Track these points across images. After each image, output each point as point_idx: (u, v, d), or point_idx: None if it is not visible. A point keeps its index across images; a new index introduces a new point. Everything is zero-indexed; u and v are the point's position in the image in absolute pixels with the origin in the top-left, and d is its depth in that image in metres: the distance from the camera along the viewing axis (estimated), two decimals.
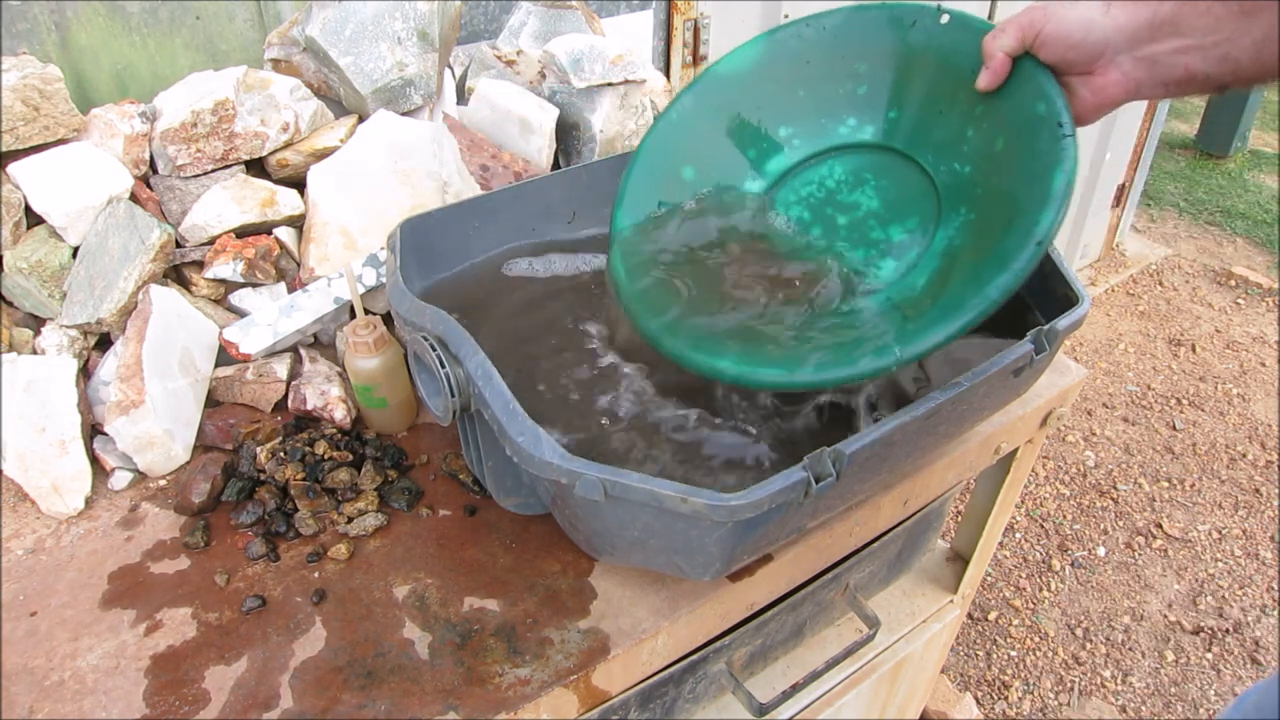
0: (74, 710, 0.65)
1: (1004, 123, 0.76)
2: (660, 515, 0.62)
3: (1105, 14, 0.67)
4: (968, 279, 0.72)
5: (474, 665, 0.68)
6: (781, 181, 0.90)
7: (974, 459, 0.94)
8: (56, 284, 0.89)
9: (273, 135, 1.01)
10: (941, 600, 1.24)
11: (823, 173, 0.88)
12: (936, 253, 0.79)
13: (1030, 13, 0.71)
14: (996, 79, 0.74)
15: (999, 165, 0.76)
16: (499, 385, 0.65)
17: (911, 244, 0.82)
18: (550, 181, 0.95)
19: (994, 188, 0.76)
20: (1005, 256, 0.69)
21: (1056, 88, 0.72)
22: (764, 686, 1.03)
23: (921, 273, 0.79)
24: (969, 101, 0.78)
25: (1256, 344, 2.79)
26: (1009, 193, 0.74)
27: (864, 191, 0.86)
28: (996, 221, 0.74)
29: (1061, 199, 0.68)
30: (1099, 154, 2.82)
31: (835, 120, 0.88)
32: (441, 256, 0.90)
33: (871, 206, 0.85)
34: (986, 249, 0.73)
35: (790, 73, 0.88)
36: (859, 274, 0.83)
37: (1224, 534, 2.15)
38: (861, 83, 0.85)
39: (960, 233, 0.78)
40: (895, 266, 0.82)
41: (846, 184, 0.87)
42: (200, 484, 0.80)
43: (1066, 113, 0.71)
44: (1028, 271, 0.68)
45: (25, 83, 0.89)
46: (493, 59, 1.24)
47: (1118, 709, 1.79)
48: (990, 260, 0.71)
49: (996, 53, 0.73)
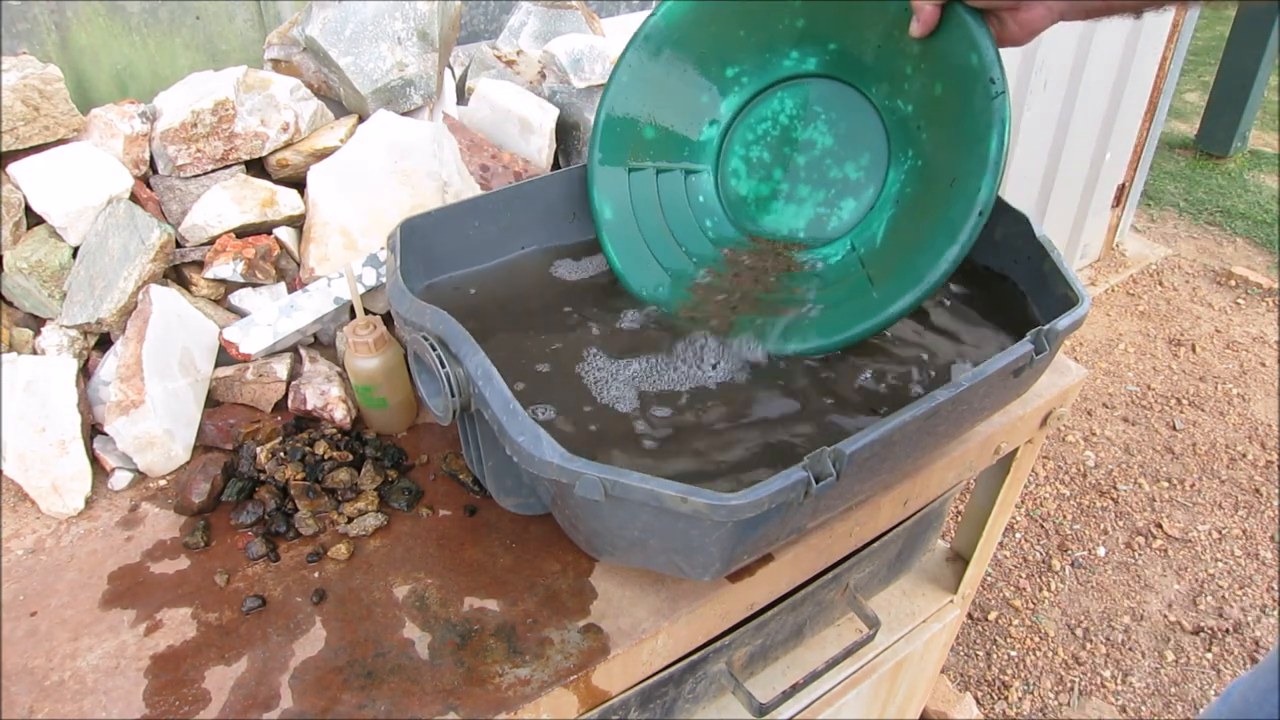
0: (74, 710, 0.65)
1: (940, 68, 0.79)
2: (660, 515, 0.62)
3: None
4: (921, 244, 0.78)
5: (474, 665, 0.68)
6: (737, 120, 0.94)
7: (974, 459, 0.94)
8: (56, 284, 0.89)
9: (273, 135, 1.01)
10: (941, 600, 1.24)
11: (774, 107, 0.92)
12: (890, 197, 0.85)
13: None
14: (926, 28, 0.77)
15: (940, 111, 0.80)
16: (499, 385, 0.65)
17: (867, 182, 0.87)
18: (550, 181, 0.95)
19: (937, 136, 0.80)
20: (953, 225, 0.75)
21: (987, 36, 0.74)
22: (764, 686, 1.03)
23: (879, 219, 0.85)
24: (905, 40, 0.80)
25: (1256, 344, 2.79)
26: (950, 146, 0.78)
27: (816, 126, 0.90)
28: (942, 177, 0.79)
29: (998, 164, 0.73)
30: (1099, 154, 2.82)
31: (778, 55, 0.90)
32: (441, 256, 0.90)
33: (826, 143, 0.89)
34: (936, 209, 0.78)
35: (728, 12, 0.90)
36: (823, 216, 0.89)
37: (1224, 534, 2.15)
38: (799, 16, 0.88)
39: (910, 179, 0.83)
40: (855, 207, 0.87)
41: (799, 119, 0.91)
42: (200, 484, 0.80)
43: (998, 66, 0.74)
44: (973, 241, 0.74)
45: (25, 83, 0.89)
46: (493, 59, 1.24)
47: (1118, 709, 1.79)
48: (940, 225, 0.76)
49: (924, 5, 0.75)
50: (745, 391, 0.81)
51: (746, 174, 0.94)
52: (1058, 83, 2.46)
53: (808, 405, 0.80)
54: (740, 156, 0.94)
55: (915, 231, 0.80)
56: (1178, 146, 3.94)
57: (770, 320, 0.84)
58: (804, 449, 0.67)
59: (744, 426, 0.77)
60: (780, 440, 0.76)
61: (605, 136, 0.93)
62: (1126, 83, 2.66)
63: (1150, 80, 2.75)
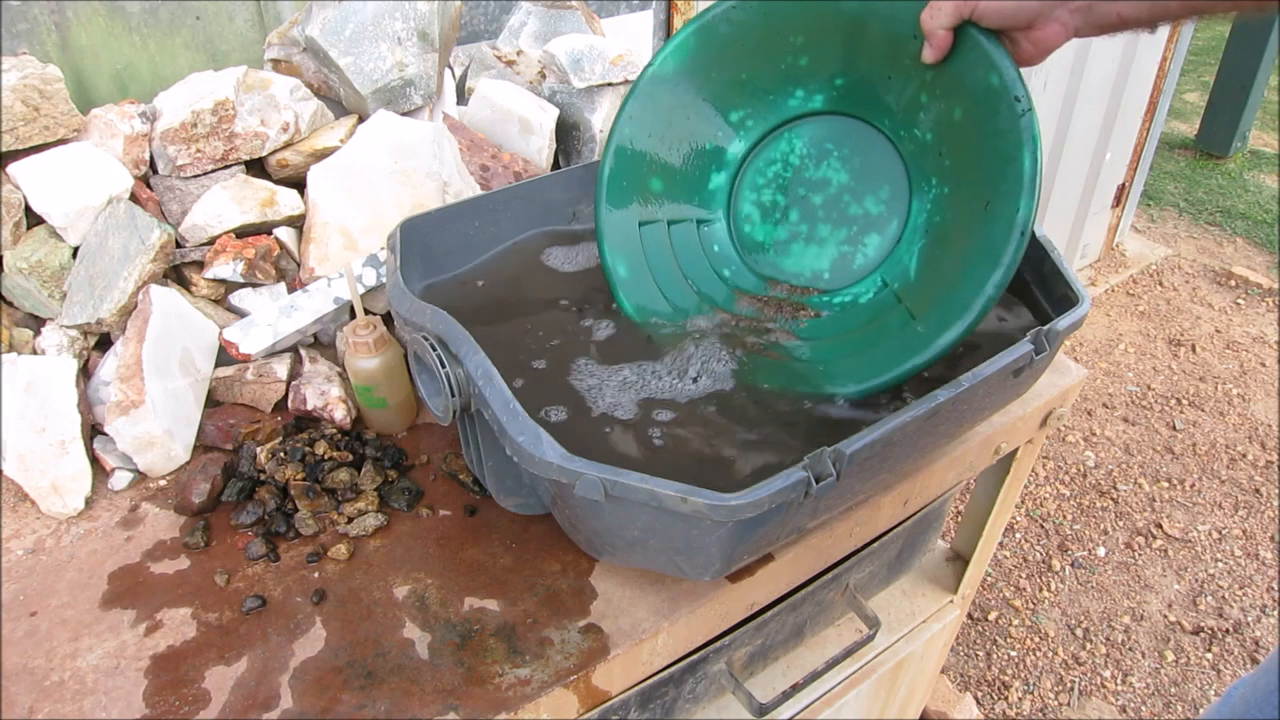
0: (74, 710, 0.65)
1: (957, 91, 0.76)
2: (660, 515, 0.62)
3: None
4: (961, 272, 0.74)
5: (474, 665, 0.68)
6: (746, 165, 0.91)
7: (974, 459, 0.94)
8: (56, 284, 0.89)
9: (273, 135, 1.01)
10: (941, 600, 1.24)
11: (783, 149, 0.90)
12: (919, 228, 0.81)
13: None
14: (939, 54, 0.75)
15: (962, 137, 0.77)
16: (499, 385, 0.65)
17: (890, 215, 0.84)
18: (550, 181, 0.95)
19: (962, 161, 0.78)
20: (994, 250, 0.72)
21: (1005, 56, 0.72)
22: (764, 686, 1.03)
23: (909, 251, 0.81)
24: (916, 67, 0.78)
25: (1256, 344, 2.79)
26: (979, 169, 0.75)
27: (829, 165, 0.88)
28: (974, 201, 0.76)
29: (1034, 182, 0.70)
30: (1099, 154, 2.82)
31: (783, 95, 0.88)
32: (442, 256, 0.90)
33: (841, 180, 0.87)
34: (972, 235, 0.75)
35: (727, 57, 0.88)
36: (847, 254, 0.86)
37: (1224, 534, 2.15)
38: (801, 54, 0.86)
39: (937, 208, 0.80)
40: (880, 242, 0.84)
41: (810, 158, 0.88)
42: (200, 484, 0.80)
43: (1022, 85, 0.72)
44: (1017, 263, 0.71)
45: (25, 83, 0.89)
46: (493, 59, 1.24)
47: (1118, 709, 1.79)
48: (980, 252, 0.73)
49: (936, 30, 0.74)
50: (744, 391, 0.81)
51: (760, 219, 0.91)
52: (1058, 83, 2.46)
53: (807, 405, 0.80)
54: (752, 201, 0.92)
55: (953, 259, 0.77)
56: (1178, 146, 3.94)
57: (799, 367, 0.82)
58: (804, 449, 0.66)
59: (744, 426, 0.77)
60: (780, 440, 0.76)
61: (612, 188, 0.89)
62: (1126, 83, 2.66)
63: (1150, 80, 2.75)
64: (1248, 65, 3.37)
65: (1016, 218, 0.71)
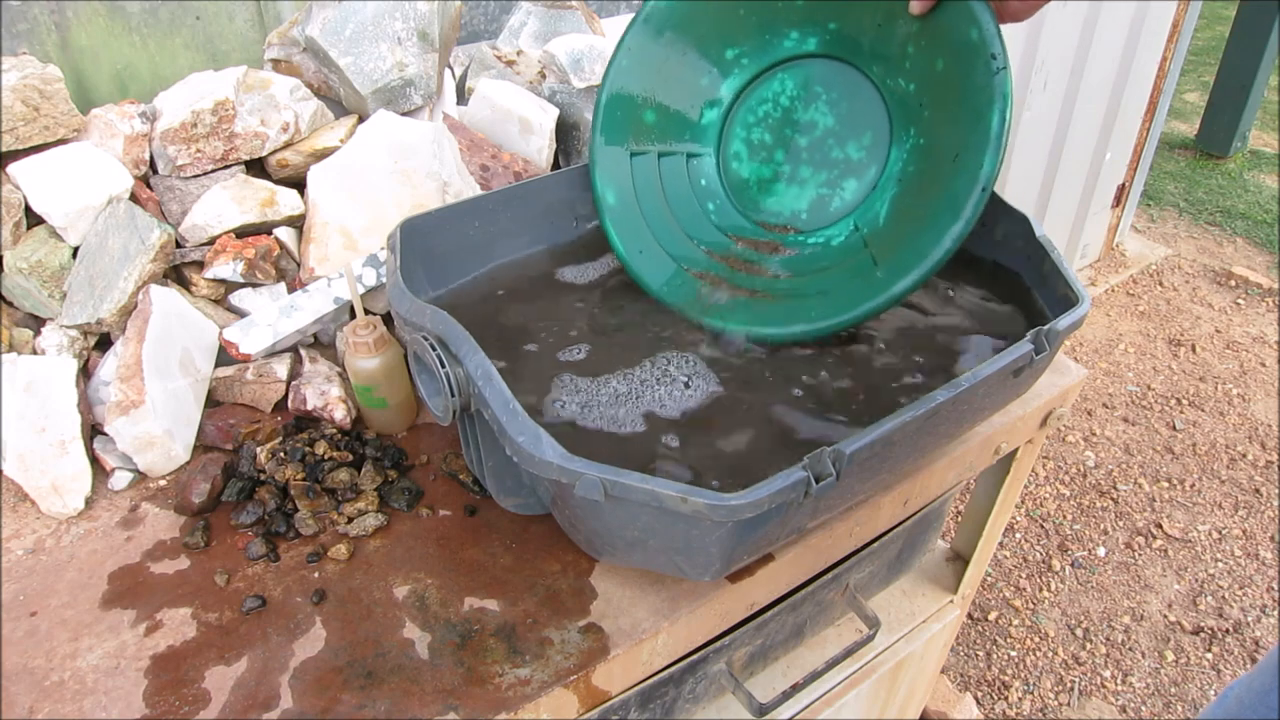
0: (74, 710, 0.65)
1: (940, 43, 0.78)
2: (660, 515, 0.62)
3: None
4: (924, 222, 0.77)
5: (474, 665, 0.68)
6: (738, 102, 0.93)
7: (974, 459, 0.94)
8: (56, 284, 0.89)
9: (273, 135, 1.01)
10: (941, 600, 1.24)
11: (775, 88, 0.92)
12: (893, 176, 0.84)
13: None
14: (926, 6, 0.76)
15: (941, 88, 0.79)
16: (499, 385, 0.65)
17: (869, 161, 0.86)
18: (550, 181, 0.95)
19: (939, 114, 0.80)
20: (956, 201, 0.74)
21: (987, 10, 0.74)
22: (764, 686, 1.03)
23: (882, 199, 0.84)
24: (905, 18, 0.80)
25: (1256, 344, 2.79)
26: (953, 122, 0.78)
27: (817, 107, 0.90)
28: (944, 154, 0.78)
29: (999, 140, 0.72)
30: (1099, 154, 2.82)
31: (778, 35, 0.90)
32: (441, 256, 0.90)
33: (827, 124, 0.89)
34: (939, 186, 0.78)
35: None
36: (825, 197, 0.88)
37: (1224, 534, 2.15)
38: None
39: (912, 158, 0.83)
40: (857, 187, 0.87)
41: (800, 100, 0.90)
42: (200, 484, 0.80)
43: (999, 41, 0.73)
44: (976, 217, 0.74)
45: (25, 83, 0.89)
46: (493, 59, 1.24)
47: (1118, 709, 1.79)
48: (943, 203, 0.76)
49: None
50: (744, 391, 0.81)
51: (748, 156, 0.94)
52: (1058, 83, 2.46)
53: (806, 405, 0.80)
54: (742, 139, 0.94)
55: (919, 209, 0.80)
56: (1178, 146, 3.94)
57: (770, 306, 0.85)
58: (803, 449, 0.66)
59: (743, 426, 0.77)
60: (780, 440, 0.76)
61: (607, 119, 0.92)
62: (1126, 83, 2.66)
63: (1150, 80, 2.75)
64: (1248, 65, 3.37)
65: (980, 172, 0.73)
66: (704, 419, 0.77)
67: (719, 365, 0.83)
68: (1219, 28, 4.93)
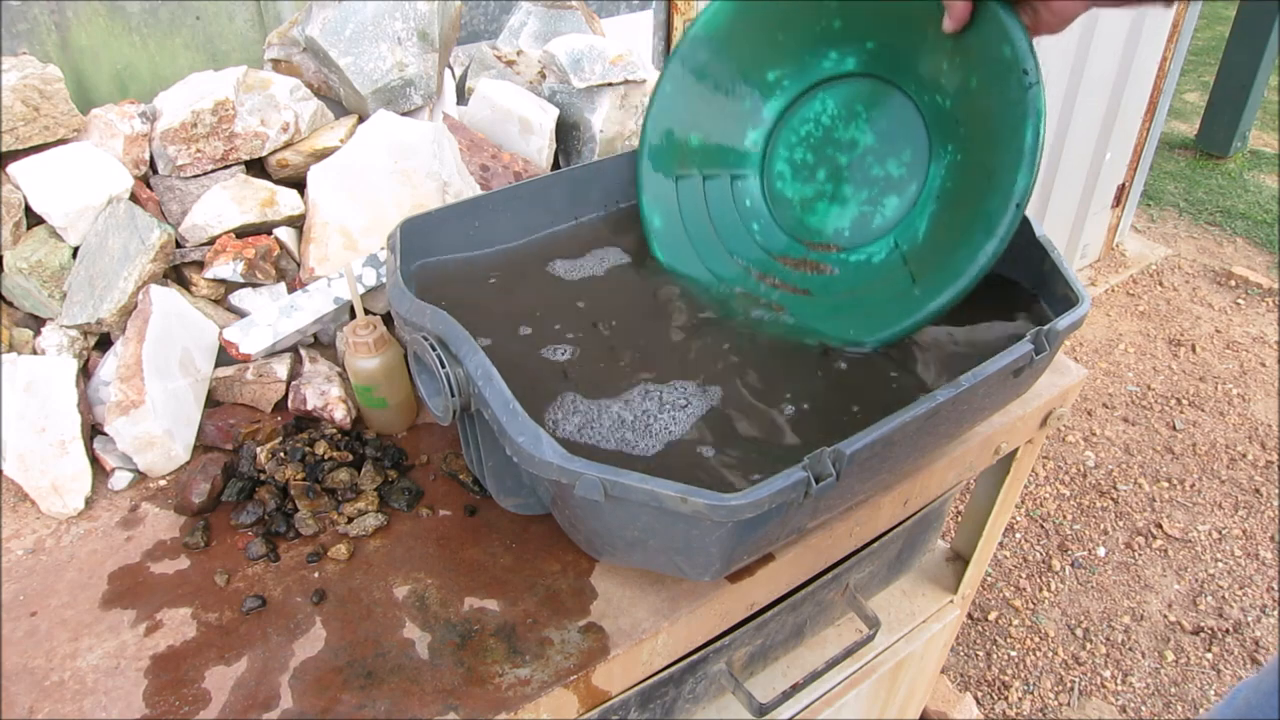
0: (74, 710, 0.65)
1: (974, 60, 0.78)
2: (660, 515, 0.62)
3: None
4: (960, 239, 0.77)
5: (474, 665, 0.68)
6: (780, 124, 0.94)
7: (974, 459, 0.94)
8: (56, 284, 0.89)
9: (273, 135, 1.01)
10: (941, 600, 1.24)
11: (816, 109, 0.92)
12: (932, 193, 0.84)
13: None
14: (958, 23, 0.76)
15: (976, 104, 0.79)
16: (499, 385, 0.65)
17: (910, 178, 0.86)
18: (550, 181, 0.95)
19: (975, 129, 0.80)
20: (990, 219, 0.74)
21: (1019, 28, 0.74)
22: (764, 686, 1.03)
23: (921, 215, 0.84)
24: (940, 35, 0.80)
25: (1256, 344, 2.79)
26: (987, 138, 0.78)
27: (858, 125, 0.90)
28: (980, 170, 0.78)
29: (1033, 156, 0.72)
30: (1099, 154, 2.82)
31: (817, 56, 0.91)
32: (441, 256, 0.90)
33: (868, 141, 0.90)
34: (974, 203, 0.78)
35: (765, 18, 0.91)
36: (867, 214, 0.89)
37: (1224, 534, 2.15)
38: (835, 17, 0.88)
39: (950, 174, 0.83)
40: (898, 204, 0.87)
41: (841, 118, 0.91)
42: (200, 484, 0.80)
43: (1031, 58, 0.73)
44: (1010, 234, 0.73)
45: (25, 83, 0.89)
46: (493, 59, 1.24)
47: (1118, 709, 1.79)
48: (978, 220, 0.76)
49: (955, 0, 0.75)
50: (745, 389, 0.81)
51: (791, 176, 0.94)
52: (1058, 83, 2.46)
53: (807, 405, 0.80)
54: (785, 159, 0.95)
55: (955, 226, 0.80)
56: (1178, 146, 3.94)
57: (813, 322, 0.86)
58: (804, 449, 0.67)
59: (743, 426, 0.77)
60: (780, 440, 0.76)
61: (653, 146, 0.94)
62: (1126, 83, 2.66)
63: (1150, 80, 2.75)
64: (1248, 65, 3.37)
65: (1014, 189, 0.73)
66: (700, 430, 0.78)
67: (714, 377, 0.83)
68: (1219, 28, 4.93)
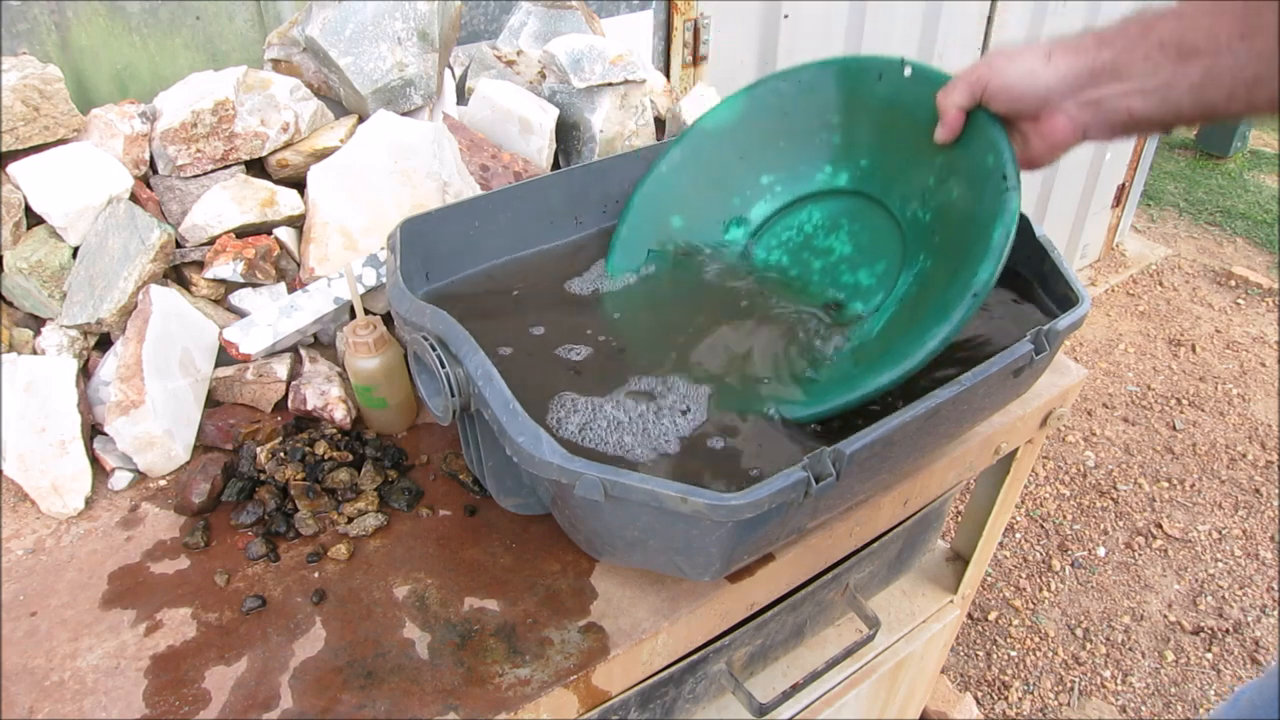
0: (74, 710, 0.65)
1: (959, 172, 0.80)
2: (660, 515, 0.62)
3: (1047, 64, 0.70)
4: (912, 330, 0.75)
5: (474, 665, 0.68)
6: (764, 227, 0.96)
7: (974, 459, 0.94)
8: (56, 284, 0.89)
9: (273, 135, 1.01)
10: (941, 600, 1.24)
11: (802, 218, 0.94)
12: (896, 298, 0.84)
13: (977, 68, 0.75)
14: (951, 133, 0.78)
15: (953, 214, 0.80)
16: (499, 385, 0.65)
17: (878, 289, 0.87)
18: (550, 181, 0.95)
19: (948, 237, 0.80)
20: (946, 307, 0.73)
21: (1005, 140, 0.75)
22: (764, 686, 1.03)
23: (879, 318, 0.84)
24: (931, 151, 0.82)
25: (1256, 344, 2.79)
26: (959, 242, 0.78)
27: (838, 236, 0.92)
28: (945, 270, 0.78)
29: (1000, 252, 0.71)
30: (1099, 154, 2.82)
31: (813, 167, 0.94)
32: (441, 256, 0.90)
33: (844, 251, 0.91)
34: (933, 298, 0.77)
35: (770, 124, 0.94)
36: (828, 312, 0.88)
37: (1224, 534, 2.15)
38: (835, 132, 0.91)
39: (917, 280, 0.83)
40: (860, 309, 0.87)
41: (823, 229, 0.93)
42: (200, 484, 0.80)
43: (1012, 165, 0.74)
44: (965, 321, 0.71)
45: (25, 83, 0.89)
46: (493, 59, 1.24)
47: (1118, 709, 1.79)
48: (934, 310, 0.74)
49: (950, 108, 0.77)
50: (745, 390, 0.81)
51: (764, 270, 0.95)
52: None
53: None
54: (761, 258, 0.96)
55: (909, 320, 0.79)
56: (1178, 146, 3.94)
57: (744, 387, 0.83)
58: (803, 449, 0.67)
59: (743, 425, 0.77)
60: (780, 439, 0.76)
61: (636, 216, 0.96)
62: None
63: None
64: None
65: (974, 281, 0.71)
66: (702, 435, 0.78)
67: None
68: None
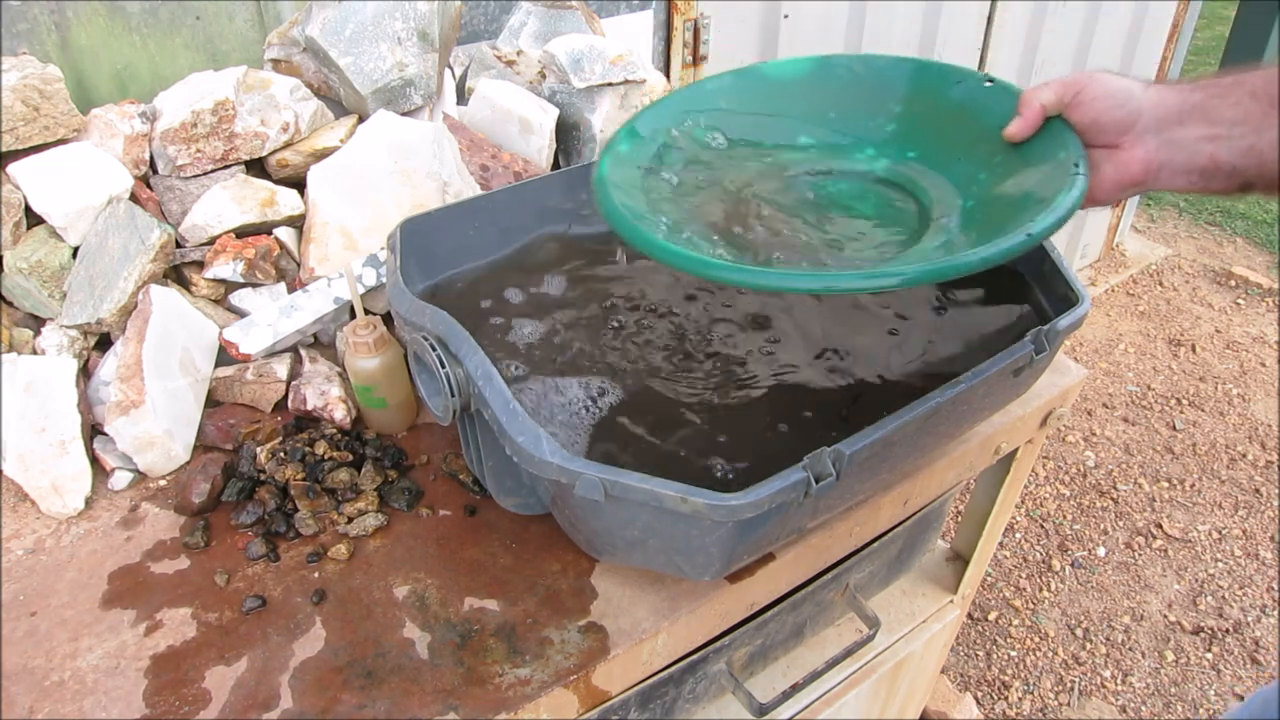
0: (74, 710, 0.65)
1: (1019, 168, 0.77)
2: (660, 515, 0.62)
3: (1144, 89, 0.70)
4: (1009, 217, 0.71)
5: (474, 665, 0.68)
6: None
7: (974, 459, 0.94)
8: (56, 284, 0.89)
9: (273, 135, 1.01)
10: (941, 600, 1.24)
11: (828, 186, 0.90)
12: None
13: (1075, 74, 0.74)
14: (1028, 127, 0.75)
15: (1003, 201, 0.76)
16: (499, 385, 0.65)
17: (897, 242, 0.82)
18: (550, 181, 0.95)
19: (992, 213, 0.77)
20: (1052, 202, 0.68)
21: (1079, 143, 0.72)
22: (764, 686, 1.03)
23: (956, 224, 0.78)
24: (988, 152, 0.79)
25: (1256, 344, 2.79)
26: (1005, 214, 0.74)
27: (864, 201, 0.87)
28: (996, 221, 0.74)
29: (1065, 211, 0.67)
30: None
31: (856, 147, 0.90)
32: (441, 256, 0.90)
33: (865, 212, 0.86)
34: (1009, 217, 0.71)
35: (830, 94, 0.90)
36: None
37: (1224, 534, 2.15)
38: (892, 121, 0.88)
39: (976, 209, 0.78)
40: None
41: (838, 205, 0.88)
42: (200, 484, 0.80)
43: (1084, 160, 0.71)
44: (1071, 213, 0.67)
45: (25, 83, 0.89)
46: (493, 59, 1.24)
47: (1118, 709, 1.79)
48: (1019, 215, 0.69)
49: (1034, 103, 0.74)
50: (746, 388, 0.81)
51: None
52: None
53: (808, 403, 0.80)
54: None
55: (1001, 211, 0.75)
56: None
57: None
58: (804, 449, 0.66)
59: (743, 425, 0.77)
60: (780, 439, 0.76)
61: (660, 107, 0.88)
62: None
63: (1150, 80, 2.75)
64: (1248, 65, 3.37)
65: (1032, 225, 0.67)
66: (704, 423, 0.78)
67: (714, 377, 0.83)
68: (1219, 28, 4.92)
